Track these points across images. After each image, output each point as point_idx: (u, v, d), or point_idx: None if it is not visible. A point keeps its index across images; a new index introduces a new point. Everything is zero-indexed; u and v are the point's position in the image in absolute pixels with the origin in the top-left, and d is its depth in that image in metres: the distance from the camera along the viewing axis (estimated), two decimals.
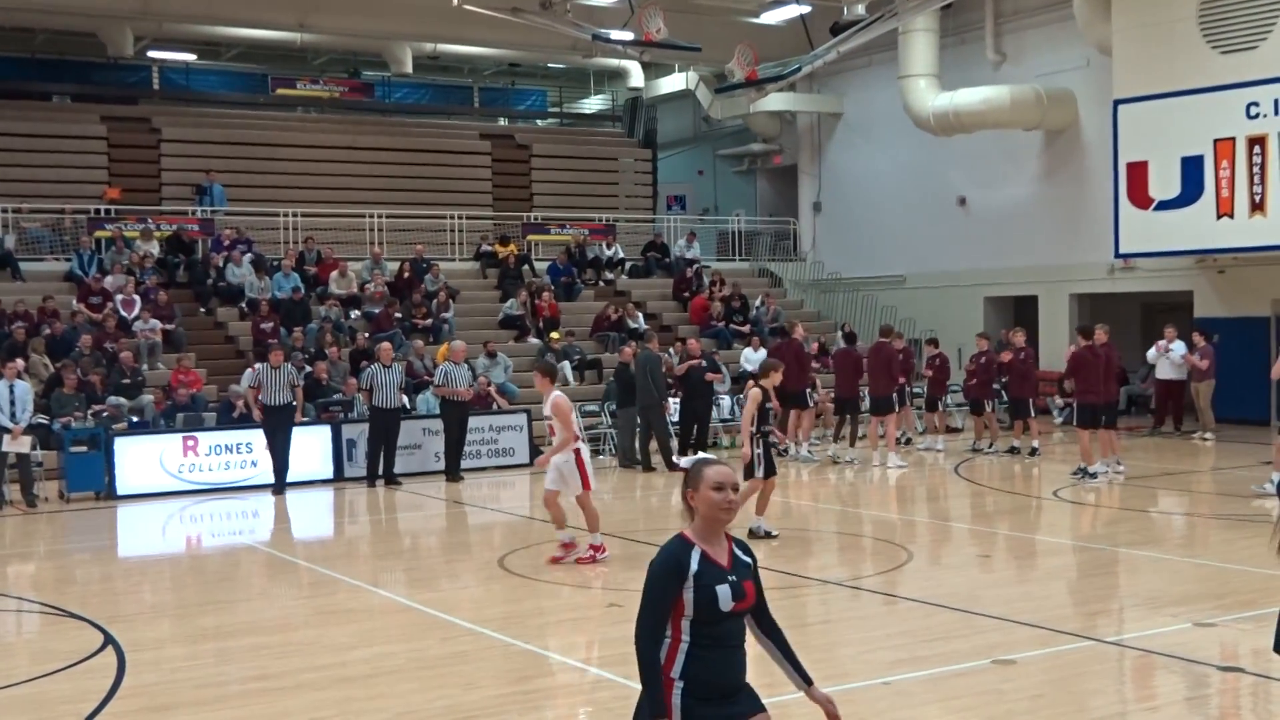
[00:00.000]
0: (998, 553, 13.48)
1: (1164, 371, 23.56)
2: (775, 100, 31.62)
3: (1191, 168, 23.51)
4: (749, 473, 13.56)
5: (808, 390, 21.66)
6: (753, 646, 4.73)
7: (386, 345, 20.34)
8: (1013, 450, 21.31)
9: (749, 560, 4.77)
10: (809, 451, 21.34)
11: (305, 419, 19.73)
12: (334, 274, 25.89)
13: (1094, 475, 17.84)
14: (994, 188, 29.01)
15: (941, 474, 19.68)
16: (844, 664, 8.77)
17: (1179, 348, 23.09)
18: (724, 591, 4.58)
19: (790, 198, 35.03)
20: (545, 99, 40.65)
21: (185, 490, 18.89)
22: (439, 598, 11.36)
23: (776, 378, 13.94)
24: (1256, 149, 22.63)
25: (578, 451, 12.91)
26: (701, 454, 4.90)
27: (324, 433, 20.11)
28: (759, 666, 4.84)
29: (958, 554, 13.56)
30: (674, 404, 21.90)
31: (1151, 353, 23.67)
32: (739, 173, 37.72)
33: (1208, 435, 22.57)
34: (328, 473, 19.93)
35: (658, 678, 4.59)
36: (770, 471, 13.72)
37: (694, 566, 4.60)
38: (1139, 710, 8.06)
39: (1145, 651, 9.03)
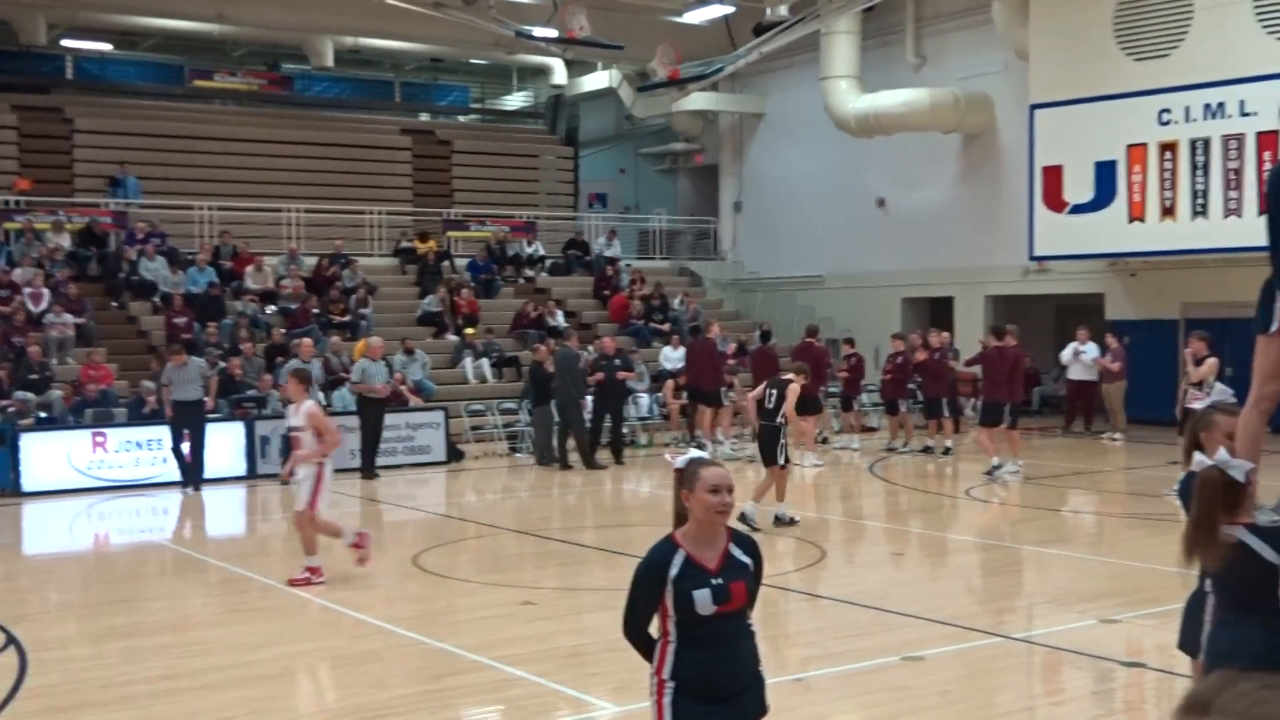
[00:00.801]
0: (911, 551, 13.61)
1: (1076, 372, 23.96)
2: (697, 100, 31.71)
3: (1105, 172, 23.90)
4: (774, 459, 14.07)
5: (723, 389, 21.74)
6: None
7: (307, 341, 20.14)
8: (926, 450, 21.52)
9: (746, 560, 4.72)
10: (731, 449, 21.41)
11: (217, 414, 19.47)
12: (250, 269, 25.58)
13: (998, 468, 18.11)
14: (912, 189, 29.30)
15: (857, 473, 19.83)
16: None
17: (1091, 349, 23.47)
18: (702, 595, 4.54)
19: (711, 197, 35.14)
20: (467, 95, 40.46)
21: (94, 487, 18.56)
22: (352, 596, 11.25)
23: (803, 378, 14.65)
24: (1168, 155, 23.05)
25: (321, 466, 11.90)
26: (695, 453, 4.84)
27: (237, 430, 19.85)
28: None
29: (871, 552, 13.68)
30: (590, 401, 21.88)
31: (1065, 353, 24.03)
32: (660, 171, 37.78)
33: (1117, 435, 22.96)
34: (241, 470, 19.67)
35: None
36: (785, 460, 14.28)
37: (674, 570, 4.58)
38: (1045, 705, 8.17)
39: (1053, 648, 9.16)
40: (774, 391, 14.19)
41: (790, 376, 14.40)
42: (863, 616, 10.02)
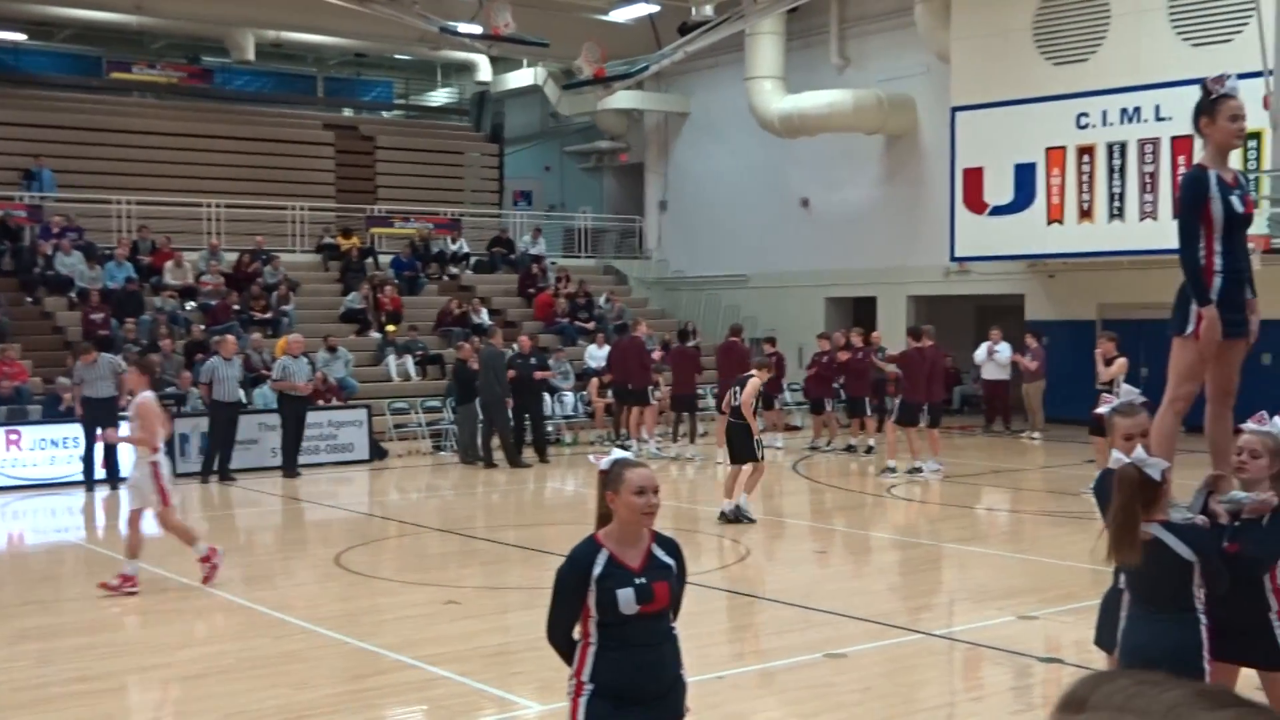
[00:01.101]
0: (833, 549, 13.71)
1: (990, 372, 24.31)
2: (623, 98, 31.72)
3: (1024, 175, 24.23)
4: (749, 456, 14.31)
5: (650, 388, 21.76)
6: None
7: (230, 338, 19.90)
8: (849, 449, 21.70)
9: (669, 561, 4.72)
10: (656, 448, 21.44)
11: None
12: (169, 264, 25.23)
13: (918, 469, 18.42)
14: (836, 190, 29.51)
15: (780, 471, 19.94)
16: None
17: (1004, 349, 23.81)
18: (626, 595, 4.53)
19: (636, 196, 35.18)
20: (391, 91, 40.18)
21: (8, 486, 18.21)
22: (273, 596, 11.14)
23: (765, 374, 14.86)
24: (1085, 158, 23.42)
25: (155, 464, 11.31)
26: (619, 453, 4.82)
27: None
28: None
29: (794, 550, 13.77)
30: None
31: (979, 353, 24.34)
32: (586, 170, 37.76)
33: (1035, 434, 23.28)
34: None
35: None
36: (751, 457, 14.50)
37: (598, 569, 4.57)
38: (965, 700, 8.27)
39: (972, 644, 9.27)
40: (738, 389, 14.48)
41: (753, 373, 14.66)
42: (786, 614, 10.09)
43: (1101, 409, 5.72)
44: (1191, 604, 5.12)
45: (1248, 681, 5.84)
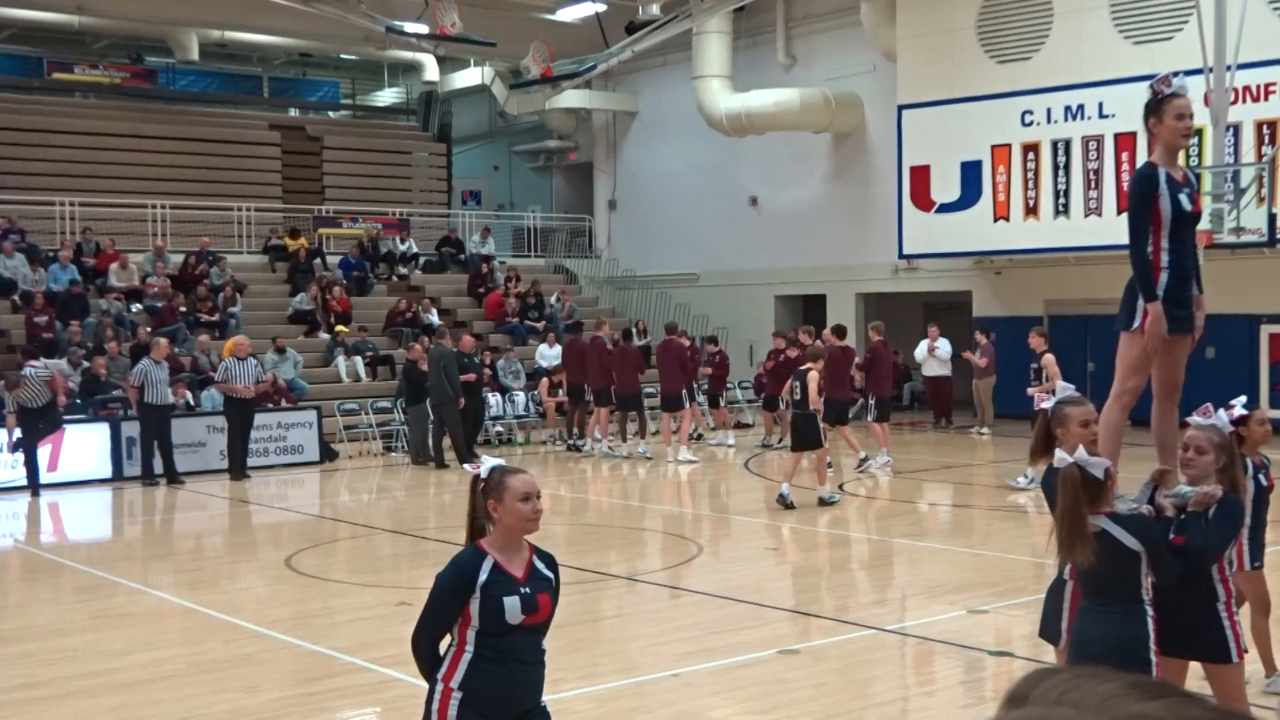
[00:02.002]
0: (785, 545, 13.75)
1: (930, 369, 24.47)
2: (571, 97, 31.68)
3: (970, 172, 24.42)
4: (815, 443, 15.22)
5: (611, 388, 21.68)
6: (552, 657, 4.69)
7: (162, 341, 19.72)
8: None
9: (549, 574, 4.68)
10: (608, 448, 21.41)
11: (81, 416, 19.01)
12: (114, 266, 24.95)
13: (865, 460, 18.64)
14: (784, 188, 29.61)
15: (731, 469, 20.00)
16: (634, 657, 8.83)
17: (945, 346, 23.99)
18: (512, 604, 4.49)
19: (586, 195, 35.15)
20: (338, 90, 39.94)
21: None
22: (222, 599, 11.05)
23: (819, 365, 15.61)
24: (1030, 155, 23.62)
25: None
26: (494, 461, 4.77)
27: (102, 430, 19.37)
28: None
29: (746, 547, 13.80)
30: None
31: (919, 351, 24.51)
32: (535, 169, 37.69)
33: (985, 430, 23.46)
34: (106, 472, 19.19)
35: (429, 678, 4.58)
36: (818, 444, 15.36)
37: (484, 576, 4.51)
38: (918, 695, 8.32)
39: (924, 639, 9.33)
40: (798, 383, 15.29)
41: (809, 366, 15.43)
42: (738, 611, 10.11)
43: (1045, 404, 5.80)
44: (1139, 596, 5.18)
45: (1196, 675, 5.91)
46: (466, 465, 4.80)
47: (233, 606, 10.69)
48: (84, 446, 18.89)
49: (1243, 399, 7.52)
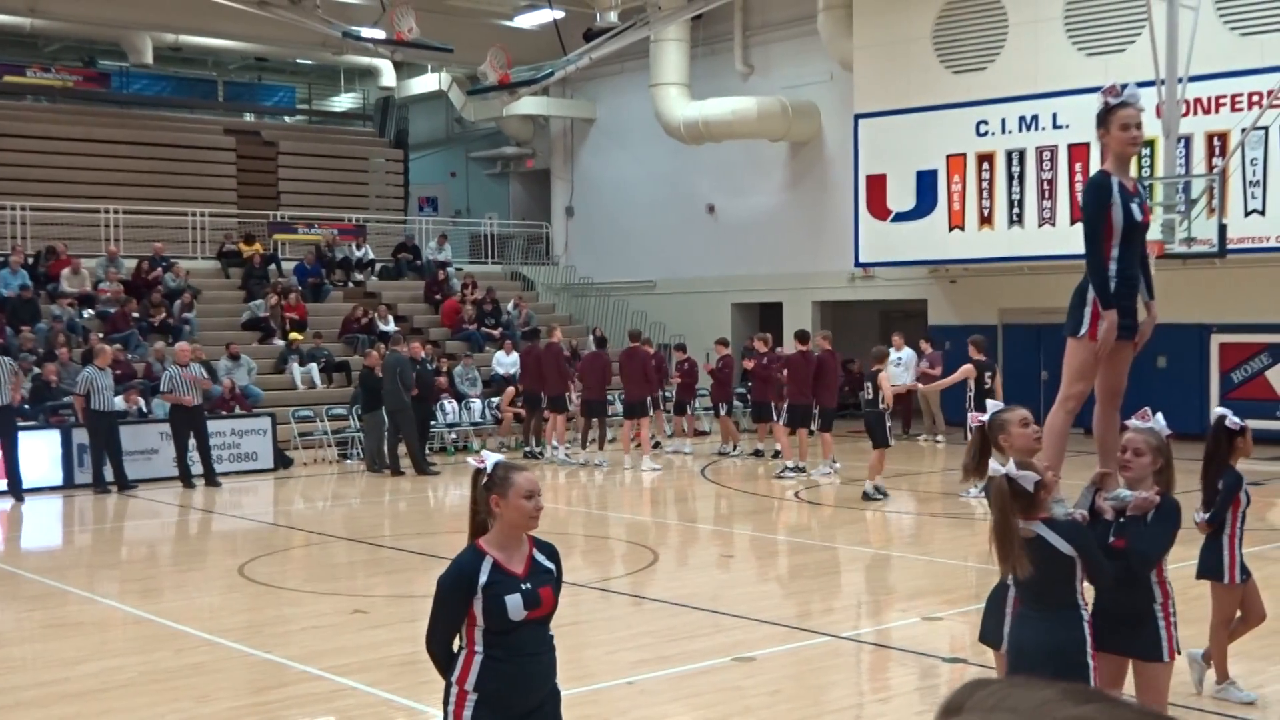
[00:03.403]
0: (741, 553, 13.78)
1: (896, 379, 24.52)
2: (528, 104, 31.66)
3: (926, 182, 24.57)
4: (884, 441, 16.42)
5: (566, 395, 21.67)
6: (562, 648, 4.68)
7: (107, 348, 19.54)
8: (757, 453, 21.82)
9: (551, 566, 4.71)
10: (565, 455, 21.37)
11: (32, 423, 18.82)
12: (66, 271, 24.70)
13: (799, 469, 18.86)
14: (741, 196, 29.69)
15: (690, 476, 20.02)
16: (590, 665, 8.82)
17: (907, 354, 24.11)
18: (514, 601, 4.52)
19: (543, 201, 35.12)
20: (294, 95, 39.72)
21: None
22: (174, 608, 10.96)
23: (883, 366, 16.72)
24: (985, 165, 23.80)
25: None
26: (496, 456, 4.77)
27: (53, 437, 19.17)
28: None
29: (702, 555, 13.82)
30: None
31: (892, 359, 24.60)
32: (492, 175, 37.62)
33: (939, 438, 23.59)
34: (57, 479, 18.98)
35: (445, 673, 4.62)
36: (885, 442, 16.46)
37: (484, 577, 4.54)
38: (872, 701, 8.35)
39: (879, 646, 9.38)
40: (869, 384, 16.37)
41: (878, 368, 16.53)
42: (694, 618, 10.12)
43: (982, 419, 5.87)
44: (1075, 601, 5.29)
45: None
46: (470, 459, 4.79)
47: (185, 615, 10.59)
48: (35, 453, 18.68)
49: (1228, 412, 7.63)
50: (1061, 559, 5.19)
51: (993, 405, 5.98)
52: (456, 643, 4.67)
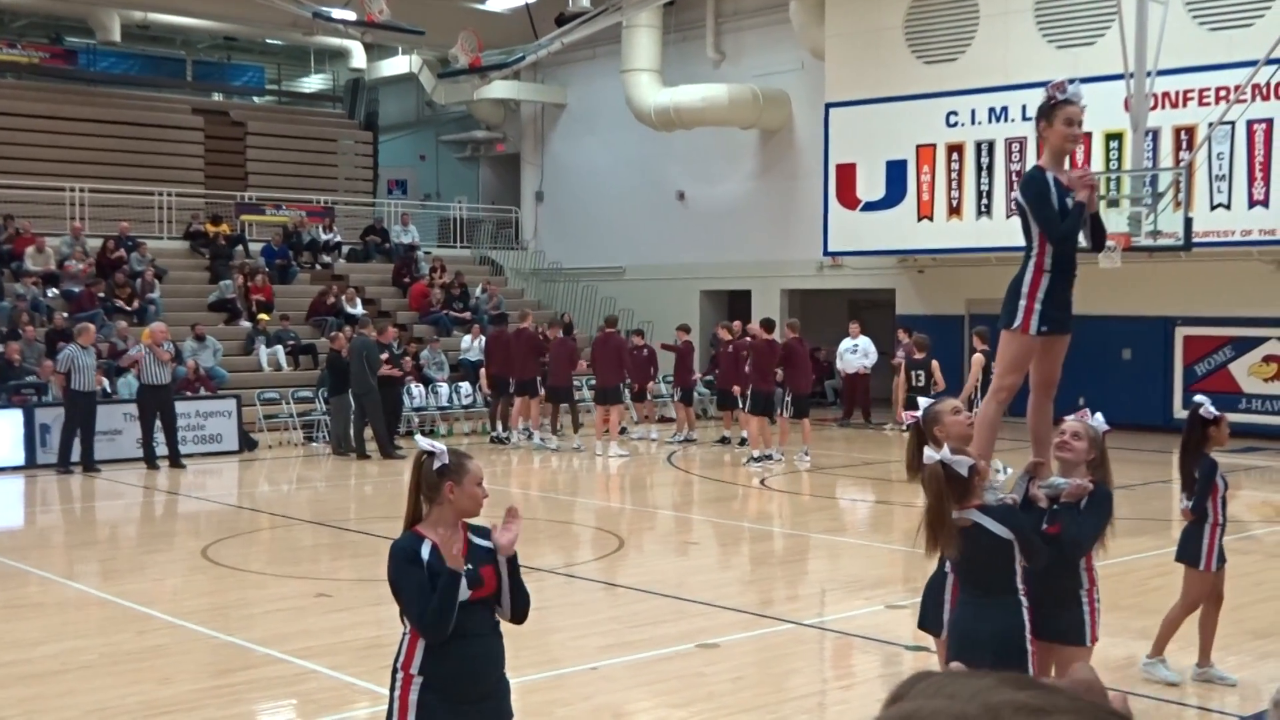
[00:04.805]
0: (706, 540, 13.81)
1: (849, 365, 24.71)
2: (499, 88, 31.57)
3: (896, 171, 24.63)
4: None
5: (537, 380, 21.59)
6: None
7: (90, 326, 19.39)
8: (723, 440, 21.86)
9: (487, 544, 4.74)
10: (540, 440, 21.32)
11: None
12: (30, 249, 24.49)
13: (763, 458, 18.79)
14: (712, 184, 29.69)
15: (654, 463, 20.04)
16: (554, 650, 8.83)
17: (865, 343, 24.25)
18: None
19: (513, 186, 35.03)
20: (263, 76, 39.42)
21: None
22: (137, 589, 10.90)
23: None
24: (955, 155, 23.88)
25: None
26: (439, 444, 4.75)
27: (15, 417, 19.02)
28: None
29: (667, 541, 13.84)
30: None
31: (842, 347, 24.77)
32: (462, 159, 37.48)
33: (906, 427, 23.67)
34: (19, 459, 18.84)
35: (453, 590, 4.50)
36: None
37: (425, 559, 4.56)
38: (835, 688, 8.40)
39: (842, 633, 9.42)
40: (919, 371, 17.38)
41: (923, 355, 17.90)
42: (658, 605, 10.14)
43: (915, 415, 5.99)
44: (1014, 587, 5.42)
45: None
46: (422, 440, 4.78)
47: (147, 597, 10.54)
48: None
49: (1205, 401, 7.77)
50: (1000, 543, 5.34)
51: (924, 402, 6.11)
52: (401, 627, 4.67)
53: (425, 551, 4.58)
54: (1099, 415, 5.95)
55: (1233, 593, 9.94)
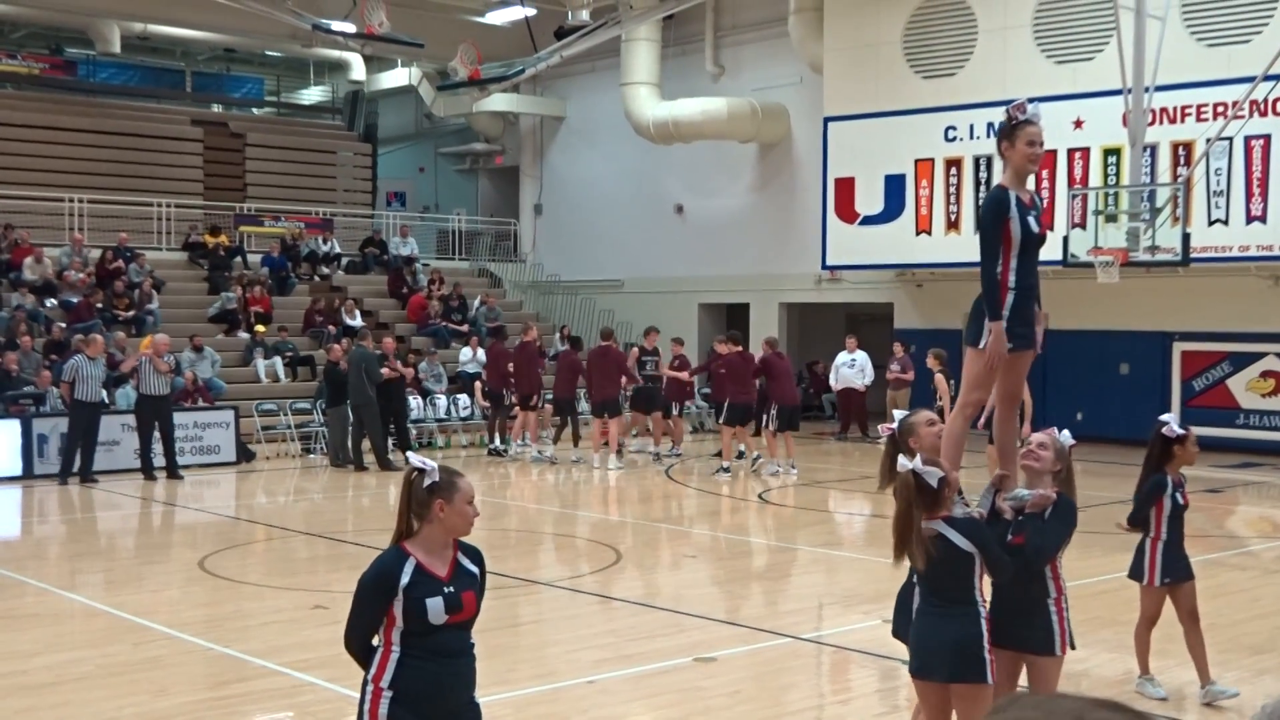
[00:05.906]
0: (703, 553, 13.80)
1: (844, 380, 24.63)
2: (498, 101, 31.62)
3: (894, 186, 24.66)
4: None
5: (540, 392, 21.58)
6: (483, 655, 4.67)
7: (98, 337, 19.40)
8: (718, 454, 21.79)
9: (474, 569, 4.72)
10: (537, 453, 21.30)
11: None
12: (29, 260, 24.50)
13: (727, 469, 19.15)
14: (710, 197, 29.72)
15: (654, 476, 20.02)
16: (551, 663, 8.82)
17: (862, 358, 24.24)
18: (435, 605, 4.52)
19: (511, 198, 35.06)
20: (262, 87, 39.49)
21: None
22: (134, 601, 10.88)
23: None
24: (953, 170, 23.91)
25: None
26: (429, 461, 4.74)
27: (13, 427, 19.00)
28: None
29: (665, 554, 13.83)
30: None
31: (838, 361, 24.76)
32: (460, 171, 37.53)
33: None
34: (16, 470, 18.82)
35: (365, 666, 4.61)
36: None
37: (406, 578, 4.54)
38: (832, 703, 8.38)
39: (839, 648, 9.41)
40: (955, 381, 16.89)
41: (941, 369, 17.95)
42: (656, 618, 10.13)
43: (892, 428, 6.03)
44: (973, 597, 5.50)
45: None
46: (414, 458, 4.76)
47: (144, 608, 10.52)
48: None
49: (1171, 419, 7.85)
50: (961, 556, 5.41)
51: (899, 414, 6.17)
52: (376, 639, 4.67)
53: (407, 571, 4.56)
54: (1065, 432, 6.07)
55: (1229, 608, 9.95)
